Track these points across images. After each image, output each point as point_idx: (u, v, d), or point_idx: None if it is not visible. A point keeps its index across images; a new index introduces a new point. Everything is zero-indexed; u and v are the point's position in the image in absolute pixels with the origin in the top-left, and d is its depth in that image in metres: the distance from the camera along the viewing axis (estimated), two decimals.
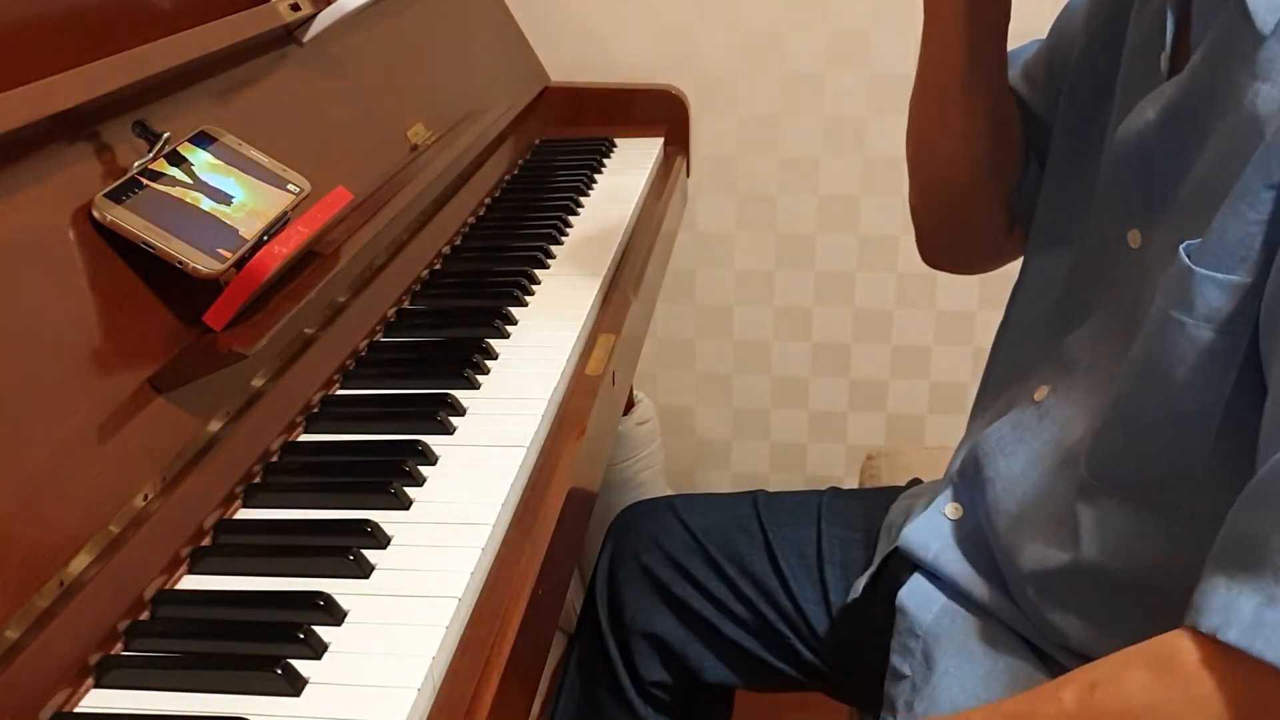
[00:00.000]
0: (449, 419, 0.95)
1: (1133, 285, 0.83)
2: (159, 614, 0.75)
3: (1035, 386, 0.92)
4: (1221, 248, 0.71)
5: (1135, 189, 0.83)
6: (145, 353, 0.82)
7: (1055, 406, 0.90)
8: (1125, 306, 0.84)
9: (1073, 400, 0.88)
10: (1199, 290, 0.72)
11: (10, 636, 0.65)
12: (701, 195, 1.88)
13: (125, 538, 0.74)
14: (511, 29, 1.75)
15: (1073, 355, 0.90)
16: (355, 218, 1.04)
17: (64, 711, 0.67)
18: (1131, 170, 0.84)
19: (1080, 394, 0.87)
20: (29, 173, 0.80)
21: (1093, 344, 0.88)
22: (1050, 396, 0.91)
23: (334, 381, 1.02)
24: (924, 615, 0.95)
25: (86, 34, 0.95)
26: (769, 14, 1.79)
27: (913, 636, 0.95)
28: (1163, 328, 0.75)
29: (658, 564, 1.13)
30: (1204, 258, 0.72)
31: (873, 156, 1.84)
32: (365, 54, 1.30)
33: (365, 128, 1.24)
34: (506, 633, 0.75)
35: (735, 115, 1.85)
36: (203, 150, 0.94)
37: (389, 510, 0.84)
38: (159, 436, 0.80)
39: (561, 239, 1.36)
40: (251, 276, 0.87)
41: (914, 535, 0.97)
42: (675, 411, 2.02)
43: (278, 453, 0.92)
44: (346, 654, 0.71)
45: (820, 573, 1.09)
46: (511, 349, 1.09)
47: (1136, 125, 0.82)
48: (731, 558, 1.12)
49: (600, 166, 1.61)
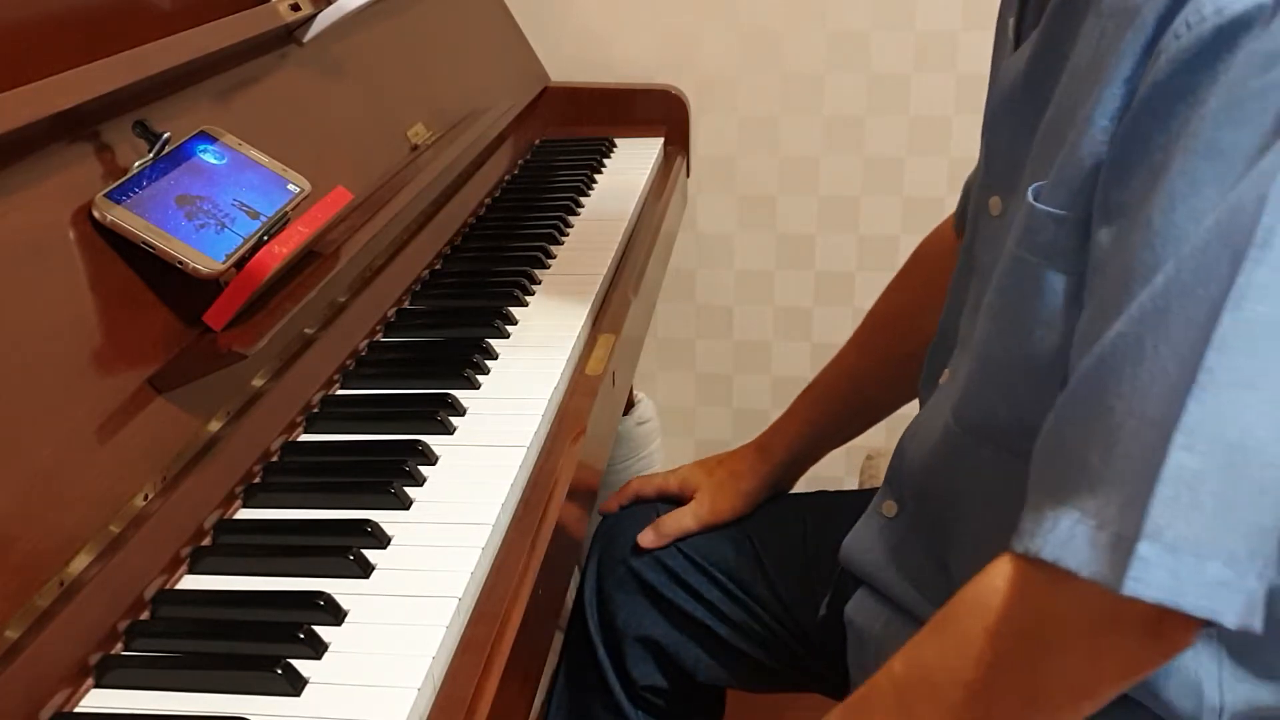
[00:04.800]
0: (449, 419, 0.95)
1: (995, 250, 0.83)
2: (159, 614, 0.75)
3: (941, 370, 0.93)
4: (1060, 184, 0.72)
5: (1001, 154, 0.84)
6: (145, 353, 0.82)
7: (950, 383, 0.90)
8: (986, 275, 0.84)
9: (959, 374, 0.88)
10: (1041, 227, 0.73)
11: (10, 636, 0.65)
12: (701, 195, 1.88)
13: (125, 538, 0.74)
14: (511, 29, 1.75)
15: (962, 333, 0.90)
16: (355, 218, 1.04)
17: (64, 711, 0.67)
18: (998, 136, 0.84)
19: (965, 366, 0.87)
20: (29, 173, 0.80)
21: (969, 316, 0.89)
22: (950, 377, 0.91)
23: (334, 381, 1.02)
24: (872, 626, 0.95)
25: (86, 34, 0.95)
26: (769, 14, 1.79)
27: (863, 650, 0.95)
28: (1011, 269, 0.76)
29: (646, 568, 1.13)
30: (1045, 196, 0.73)
31: (873, 156, 1.84)
32: (365, 54, 1.30)
33: (365, 128, 1.24)
34: (506, 633, 0.75)
35: (735, 115, 1.84)
36: (203, 150, 0.94)
37: (389, 510, 0.84)
38: (159, 436, 0.80)
39: (561, 239, 1.36)
40: (251, 276, 0.87)
41: (853, 542, 0.96)
42: (675, 411, 2.02)
43: (278, 453, 0.92)
44: (346, 654, 0.71)
45: (808, 577, 1.09)
46: (511, 349, 1.09)
47: (1000, 91, 0.84)
48: (718, 563, 1.12)
49: (600, 166, 1.61)
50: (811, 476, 1.17)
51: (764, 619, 1.10)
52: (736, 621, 1.11)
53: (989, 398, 0.81)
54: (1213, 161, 0.62)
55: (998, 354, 0.79)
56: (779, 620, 1.10)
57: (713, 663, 1.13)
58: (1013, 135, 0.82)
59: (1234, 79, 0.62)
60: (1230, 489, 0.60)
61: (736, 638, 1.11)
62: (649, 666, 1.14)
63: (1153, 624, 0.63)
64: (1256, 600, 0.61)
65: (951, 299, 0.95)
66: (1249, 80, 0.62)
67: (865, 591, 0.97)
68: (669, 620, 1.13)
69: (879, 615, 0.95)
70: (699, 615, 1.12)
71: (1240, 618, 0.60)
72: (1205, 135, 0.63)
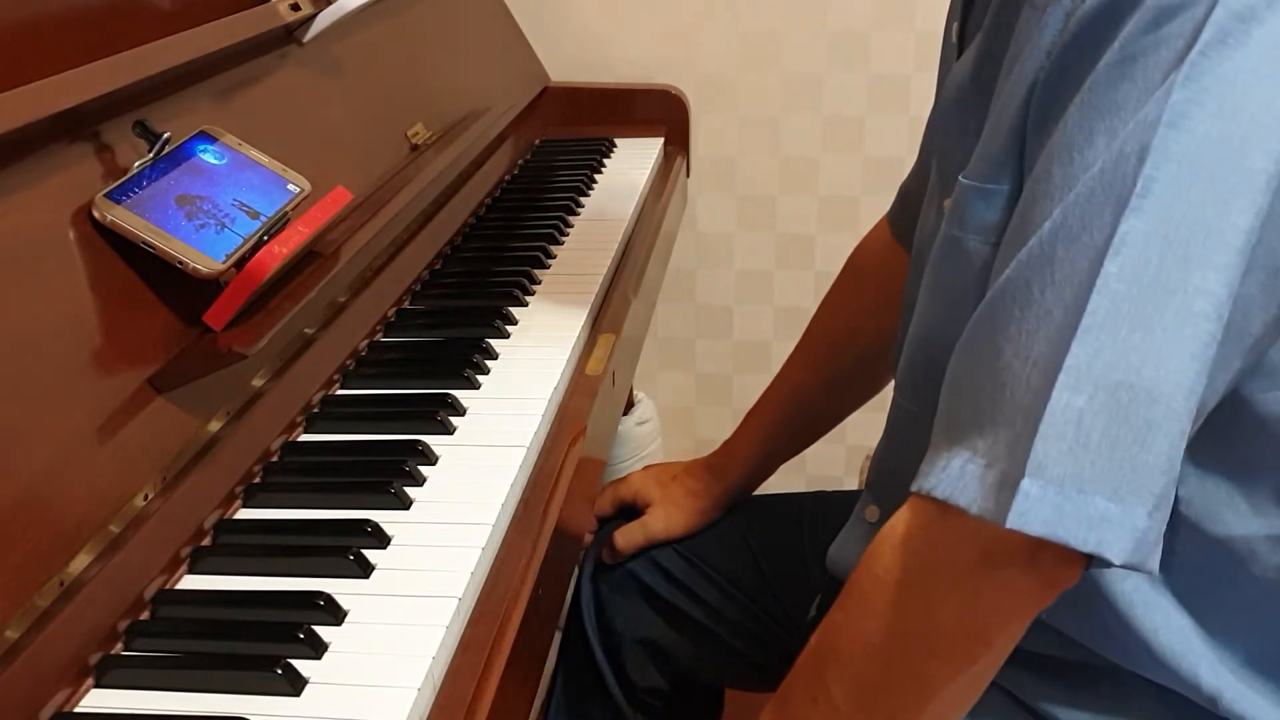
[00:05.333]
0: (449, 419, 0.95)
1: None
2: (159, 614, 0.75)
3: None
4: (986, 158, 0.73)
5: (947, 160, 0.85)
6: (145, 353, 0.82)
7: None
8: None
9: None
10: (969, 203, 0.74)
11: (10, 636, 0.65)
12: (701, 195, 1.88)
13: (125, 538, 0.74)
14: (511, 29, 1.75)
15: None
16: (355, 218, 1.04)
17: (64, 711, 0.67)
18: (948, 141, 0.85)
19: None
20: (29, 173, 0.80)
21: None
22: None
23: (334, 381, 1.02)
24: None
25: (86, 34, 0.94)
26: (769, 14, 1.79)
27: None
28: (944, 246, 0.77)
29: (644, 570, 1.13)
30: (972, 171, 0.74)
31: (873, 156, 1.84)
32: (365, 54, 1.30)
33: (365, 128, 1.24)
34: (506, 633, 0.75)
35: (735, 115, 1.84)
36: (203, 150, 0.94)
37: (389, 510, 0.84)
38: (159, 436, 0.80)
39: (561, 239, 1.36)
40: (251, 276, 0.87)
41: (839, 548, 0.96)
42: (675, 411, 2.02)
43: (278, 453, 0.92)
44: (346, 654, 0.71)
45: (805, 577, 1.09)
46: (511, 349, 1.09)
47: (949, 95, 0.85)
48: (716, 564, 1.12)
49: (600, 166, 1.61)
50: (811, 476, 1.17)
51: (762, 619, 1.10)
52: (734, 622, 1.11)
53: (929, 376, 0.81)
54: (1104, 115, 0.64)
55: (934, 332, 0.80)
56: (777, 621, 1.10)
57: (711, 664, 1.13)
58: (962, 137, 0.82)
59: (1127, 35, 0.64)
60: (1116, 427, 0.61)
61: (735, 639, 1.11)
62: (647, 668, 1.14)
63: (1031, 556, 0.64)
64: (1148, 539, 0.61)
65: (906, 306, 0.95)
66: (1140, 36, 0.63)
67: None
68: (667, 622, 1.13)
69: None
70: (697, 616, 1.12)
71: (1128, 555, 0.61)
72: (1098, 89, 0.64)
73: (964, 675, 0.69)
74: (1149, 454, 0.61)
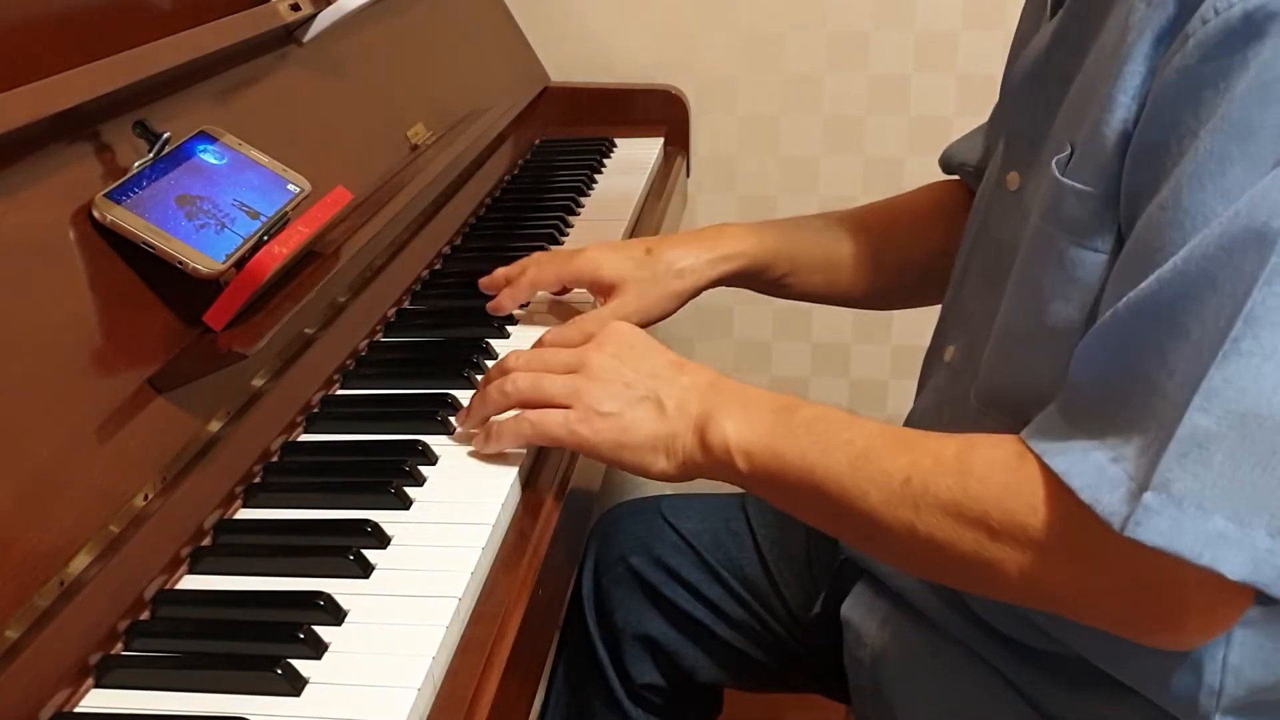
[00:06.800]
0: (449, 419, 0.95)
1: (1010, 226, 0.84)
2: (159, 614, 0.75)
3: (944, 347, 0.93)
4: (1085, 160, 0.73)
5: (1022, 129, 0.85)
6: (145, 353, 0.82)
7: (962, 362, 0.90)
8: (1002, 250, 0.85)
9: (974, 352, 0.88)
10: (1063, 201, 0.74)
11: (10, 636, 0.65)
12: (701, 195, 1.88)
13: (125, 538, 0.74)
14: (511, 29, 1.75)
15: (968, 308, 0.90)
16: (355, 218, 1.04)
17: (64, 711, 0.67)
18: (1020, 109, 0.85)
19: (980, 345, 0.87)
20: (29, 173, 0.80)
21: (978, 294, 0.89)
22: (958, 354, 0.91)
23: (334, 381, 1.02)
24: (869, 625, 0.94)
25: (86, 34, 0.94)
26: (769, 14, 1.79)
27: (861, 646, 0.95)
28: (1034, 241, 0.78)
29: (646, 566, 1.13)
30: (1070, 171, 0.74)
31: (873, 156, 1.84)
32: (365, 54, 1.30)
33: (365, 128, 1.24)
34: (506, 633, 0.75)
35: (735, 115, 1.84)
36: (203, 150, 0.94)
37: (389, 510, 0.84)
38: (159, 436, 0.80)
39: (561, 239, 1.36)
40: (251, 276, 0.87)
41: None
42: None
43: (278, 453, 0.92)
44: (346, 654, 0.71)
45: (810, 574, 1.09)
46: (512, 348, 1.09)
47: (1024, 65, 0.84)
48: (722, 560, 1.12)
49: (600, 166, 1.61)
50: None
51: (764, 617, 1.10)
52: (736, 620, 1.11)
53: (1012, 374, 0.82)
54: (1242, 142, 0.64)
55: (1020, 329, 0.80)
56: (778, 618, 1.10)
57: (711, 662, 1.13)
58: (1034, 110, 0.82)
59: (1263, 62, 0.64)
60: (1241, 451, 0.62)
61: (736, 637, 1.11)
62: (647, 665, 1.14)
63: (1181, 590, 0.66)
64: (1271, 560, 0.62)
65: (957, 274, 0.95)
66: (1277, 63, 0.63)
67: (864, 586, 0.97)
68: (668, 619, 1.13)
69: (877, 611, 0.94)
70: (698, 614, 1.12)
71: (1244, 573, 0.62)
72: (1234, 117, 0.64)
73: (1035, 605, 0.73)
74: (1271, 478, 0.62)
